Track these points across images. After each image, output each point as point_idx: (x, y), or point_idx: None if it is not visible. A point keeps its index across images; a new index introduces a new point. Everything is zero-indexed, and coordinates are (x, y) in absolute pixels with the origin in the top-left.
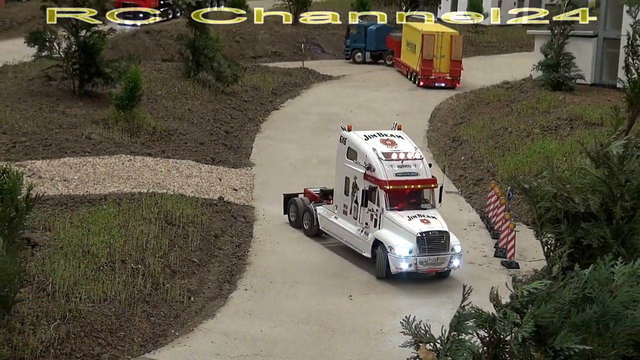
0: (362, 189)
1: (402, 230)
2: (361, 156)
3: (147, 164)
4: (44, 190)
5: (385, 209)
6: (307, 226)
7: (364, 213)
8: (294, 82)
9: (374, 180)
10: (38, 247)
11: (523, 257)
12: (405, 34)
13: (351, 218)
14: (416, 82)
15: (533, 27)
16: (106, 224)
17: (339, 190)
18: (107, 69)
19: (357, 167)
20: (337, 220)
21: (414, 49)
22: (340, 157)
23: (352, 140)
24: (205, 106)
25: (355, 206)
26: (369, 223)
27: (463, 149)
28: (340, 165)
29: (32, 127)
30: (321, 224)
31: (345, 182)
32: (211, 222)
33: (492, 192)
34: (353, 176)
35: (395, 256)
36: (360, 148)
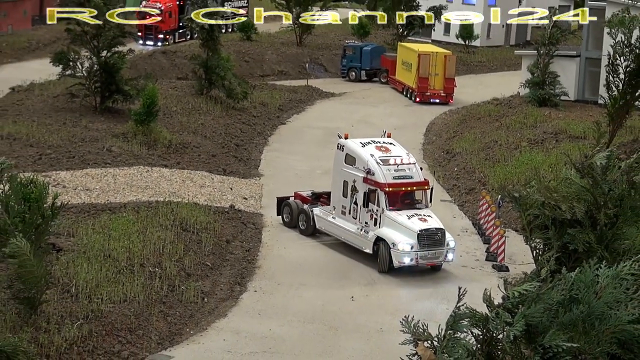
0: (364, 191)
1: (403, 228)
2: (360, 162)
3: (164, 174)
4: (68, 199)
5: (385, 209)
6: (303, 226)
7: (364, 213)
8: (299, 98)
9: (374, 183)
10: (63, 251)
11: (513, 260)
12: (400, 54)
13: (350, 218)
14: (412, 98)
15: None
16: (126, 230)
17: (337, 193)
18: (126, 86)
19: (357, 172)
20: (335, 220)
21: (410, 67)
22: (338, 163)
23: (350, 147)
24: (217, 121)
25: (355, 207)
26: (369, 222)
27: (456, 161)
28: (338, 170)
29: (57, 140)
30: (318, 224)
31: (344, 186)
32: (223, 229)
33: (483, 201)
34: (352, 180)
35: (398, 252)
36: (359, 154)
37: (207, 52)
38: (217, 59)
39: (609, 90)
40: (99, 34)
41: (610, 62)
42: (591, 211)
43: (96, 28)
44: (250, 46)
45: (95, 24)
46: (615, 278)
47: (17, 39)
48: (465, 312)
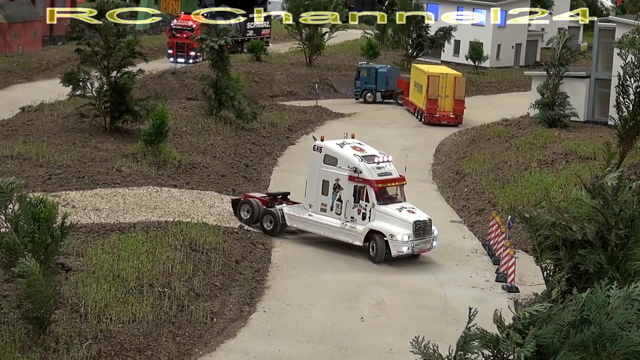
0: (355, 188)
1: (397, 220)
2: (344, 161)
3: (173, 194)
4: (77, 219)
5: (376, 203)
6: (269, 227)
7: (350, 209)
8: (308, 119)
9: (362, 180)
10: (72, 271)
11: (522, 281)
12: (413, 76)
13: (333, 214)
14: (422, 119)
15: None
16: (135, 250)
17: (314, 191)
18: (136, 107)
19: (340, 171)
20: (313, 217)
21: (421, 89)
22: (316, 164)
23: (330, 148)
24: (226, 141)
25: (339, 204)
26: (356, 217)
27: (466, 181)
28: (316, 170)
29: (66, 160)
30: (290, 222)
31: (323, 185)
32: (232, 249)
33: (493, 222)
34: (334, 179)
35: (397, 242)
36: (342, 155)
37: (216, 72)
38: (227, 80)
39: (619, 111)
40: (109, 54)
41: (620, 83)
42: (602, 232)
43: (106, 48)
44: (260, 67)
45: (105, 46)
46: (627, 299)
47: (27, 59)
48: (475, 333)
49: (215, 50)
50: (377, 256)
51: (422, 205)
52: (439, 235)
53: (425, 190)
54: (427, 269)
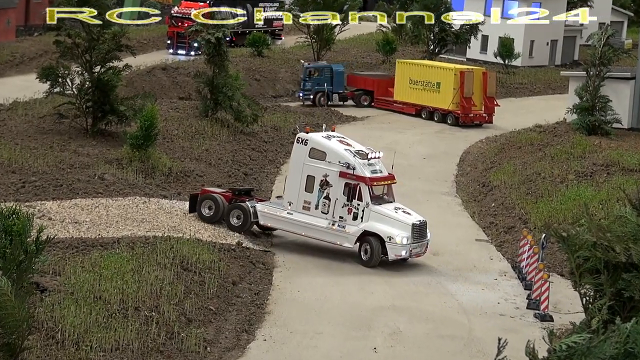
0: (347, 186)
1: (395, 221)
2: (334, 156)
3: (163, 206)
4: (55, 233)
5: (370, 203)
6: (237, 223)
7: (340, 208)
8: (316, 123)
9: (355, 177)
10: (48, 292)
11: (557, 309)
12: (408, 73)
13: (319, 213)
14: (449, 121)
15: (567, 69)
16: (119, 269)
17: (296, 188)
18: (121, 106)
19: (328, 166)
20: (293, 215)
21: (436, 87)
22: (300, 157)
23: (318, 141)
24: (223, 147)
25: (326, 202)
26: (346, 217)
27: (493, 195)
28: (299, 164)
29: (42, 166)
30: (263, 220)
31: (308, 181)
32: (229, 269)
33: (524, 241)
34: (322, 174)
35: (395, 245)
36: (333, 149)
37: (213, 68)
38: (225, 77)
39: None
40: (91, 46)
41: None
42: None
43: (89, 40)
44: (262, 63)
45: (88, 37)
46: None
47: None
48: None
49: (212, 43)
50: (372, 260)
51: (443, 221)
52: (463, 255)
53: (448, 205)
54: (449, 294)
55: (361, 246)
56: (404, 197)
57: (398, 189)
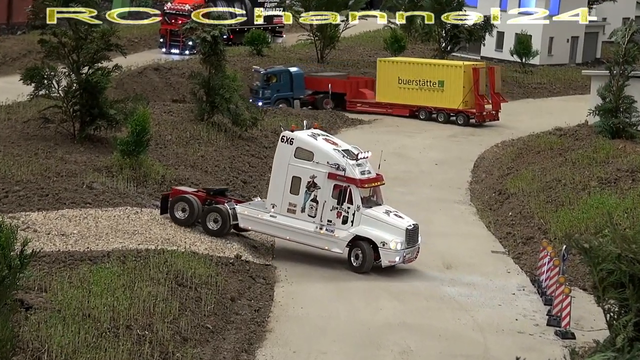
0: (337, 188)
1: (388, 226)
2: (322, 156)
3: (156, 217)
4: (40, 246)
5: (361, 206)
6: (214, 227)
7: (328, 211)
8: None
9: (345, 179)
10: (33, 309)
11: (580, 326)
12: (396, 72)
13: (305, 216)
14: (460, 121)
15: (588, 67)
16: (109, 285)
17: (280, 189)
18: (111, 110)
19: (316, 167)
20: (277, 219)
21: (441, 86)
22: (285, 157)
23: (305, 141)
24: (220, 153)
25: (314, 205)
26: (335, 221)
27: (510, 204)
28: (284, 165)
29: (26, 174)
30: (244, 223)
31: (293, 182)
32: (227, 284)
33: (544, 253)
34: (309, 175)
35: (389, 251)
36: (320, 149)
37: (209, 69)
38: (222, 78)
39: None
40: (79, 46)
41: None
42: None
43: (76, 39)
44: (262, 62)
45: (75, 36)
46: None
47: None
48: None
49: (208, 42)
50: (364, 266)
51: (457, 231)
52: (478, 268)
53: (461, 214)
54: (463, 310)
55: (351, 251)
56: (415, 206)
57: (408, 198)
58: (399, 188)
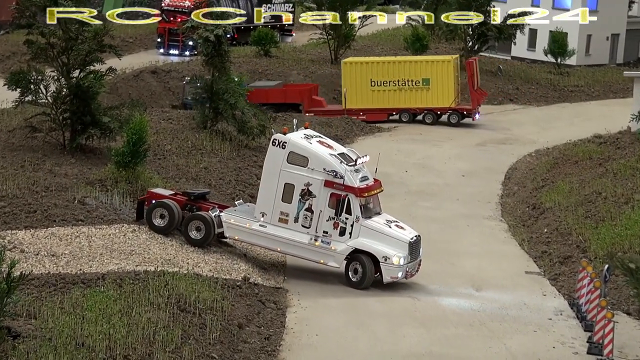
0: (334, 197)
1: (390, 238)
2: (318, 162)
3: (155, 235)
4: (28, 268)
5: (360, 216)
6: (197, 236)
7: (324, 221)
8: (334, 134)
9: (343, 187)
10: (21, 338)
11: (624, 354)
12: (367, 74)
13: (299, 227)
14: (455, 120)
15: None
16: (104, 310)
17: (271, 197)
18: (105, 117)
19: (311, 174)
20: (267, 229)
21: (426, 84)
22: (277, 162)
23: (298, 145)
24: (225, 164)
25: (309, 214)
26: (331, 232)
27: (546, 219)
28: (275, 170)
29: (12, 189)
30: (230, 232)
31: (285, 190)
32: (234, 309)
33: (584, 273)
34: (303, 183)
35: (392, 266)
36: (315, 154)
37: (212, 71)
38: (226, 81)
39: None
40: (69, 47)
41: None
42: None
43: (66, 40)
44: (270, 64)
45: (65, 36)
46: None
47: None
48: None
49: (211, 42)
50: (365, 282)
51: (487, 250)
52: (511, 291)
53: (492, 231)
54: (494, 337)
55: (349, 265)
56: (440, 222)
57: (433, 213)
58: (423, 202)
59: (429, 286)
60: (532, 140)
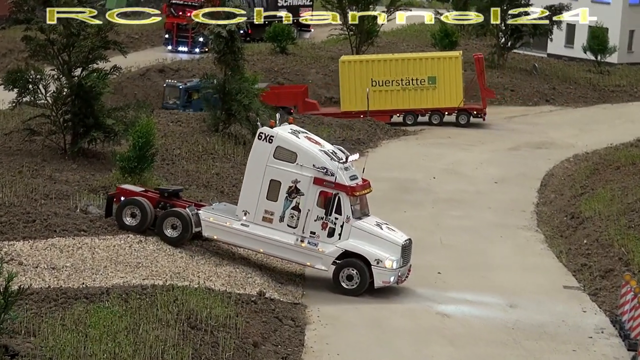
0: (323, 196)
1: (382, 240)
2: (306, 158)
3: (163, 247)
4: (27, 282)
5: (351, 217)
6: (173, 235)
7: (312, 221)
8: (357, 137)
9: (333, 185)
10: (19, 357)
11: None
12: (368, 73)
13: (284, 226)
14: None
15: None
16: (109, 328)
17: (255, 194)
18: (109, 119)
19: (299, 170)
20: (249, 228)
21: (432, 83)
22: (262, 157)
23: (287, 139)
24: (238, 170)
25: (296, 213)
26: (319, 232)
27: (585, 229)
28: (261, 166)
29: (9, 197)
30: (208, 231)
31: (271, 186)
32: (248, 326)
33: (626, 288)
34: (290, 180)
35: (384, 270)
36: (304, 149)
37: (224, 70)
38: (239, 81)
39: None
40: (70, 44)
41: None
42: None
43: (67, 36)
44: (286, 62)
45: (66, 32)
46: None
47: None
48: None
49: (223, 38)
50: (362, 288)
51: (522, 263)
52: (548, 307)
53: (527, 242)
54: (530, 356)
55: (341, 270)
56: (471, 232)
57: (463, 223)
58: (452, 211)
59: (458, 301)
60: (570, 144)
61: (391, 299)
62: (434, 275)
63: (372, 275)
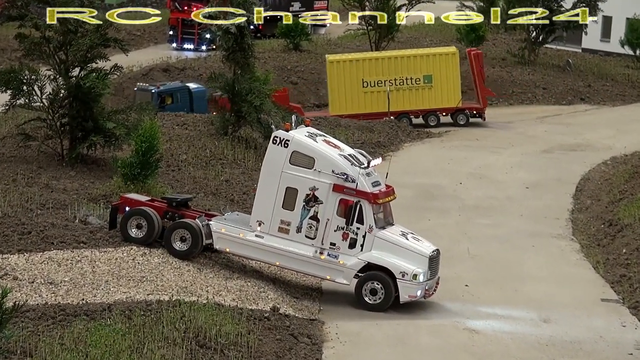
0: (344, 204)
1: (407, 252)
2: (325, 163)
3: (169, 259)
4: (23, 298)
5: (374, 226)
6: (182, 247)
7: (332, 232)
8: (377, 140)
9: (354, 193)
10: None
11: None
12: (358, 74)
13: (301, 237)
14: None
15: None
16: (111, 347)
17: (270, 203)
18: (109, 123)
19: (317, 177)
20: (263, 239)
21: (428, 82)
22: (278, 163)
23: (303, 143)
24: (249, 176)
25: (314, 223)
26: (340, 244)
27: (625, 238)
28: (276, 172)
29: (3, 206)
30: (220, 243)
31: (287, 194)
32: (261, 344)
33: None
34: (308, 187)
35: (411, 283)
36: (322, 154)
37: (233, 68)
38: (250, 80)
39: None
40: (68, 42)
41: None
42: None
43: (64, 33)
44: (300, 60)
45: (63, 29)
46: None
47: None
48: None
49: (232, 34)
50: (387, 303)
51: (556, 274)
52: (585, 321)
53: (562, 252)
54: None
55: (364, 284)
56: (502, 241)
57: (493, 231)
58: (481, 219)
59: (488, 316)
60: (608, 146)
61: (415, 313)
62: (462, 288)
63: (398, 289)
